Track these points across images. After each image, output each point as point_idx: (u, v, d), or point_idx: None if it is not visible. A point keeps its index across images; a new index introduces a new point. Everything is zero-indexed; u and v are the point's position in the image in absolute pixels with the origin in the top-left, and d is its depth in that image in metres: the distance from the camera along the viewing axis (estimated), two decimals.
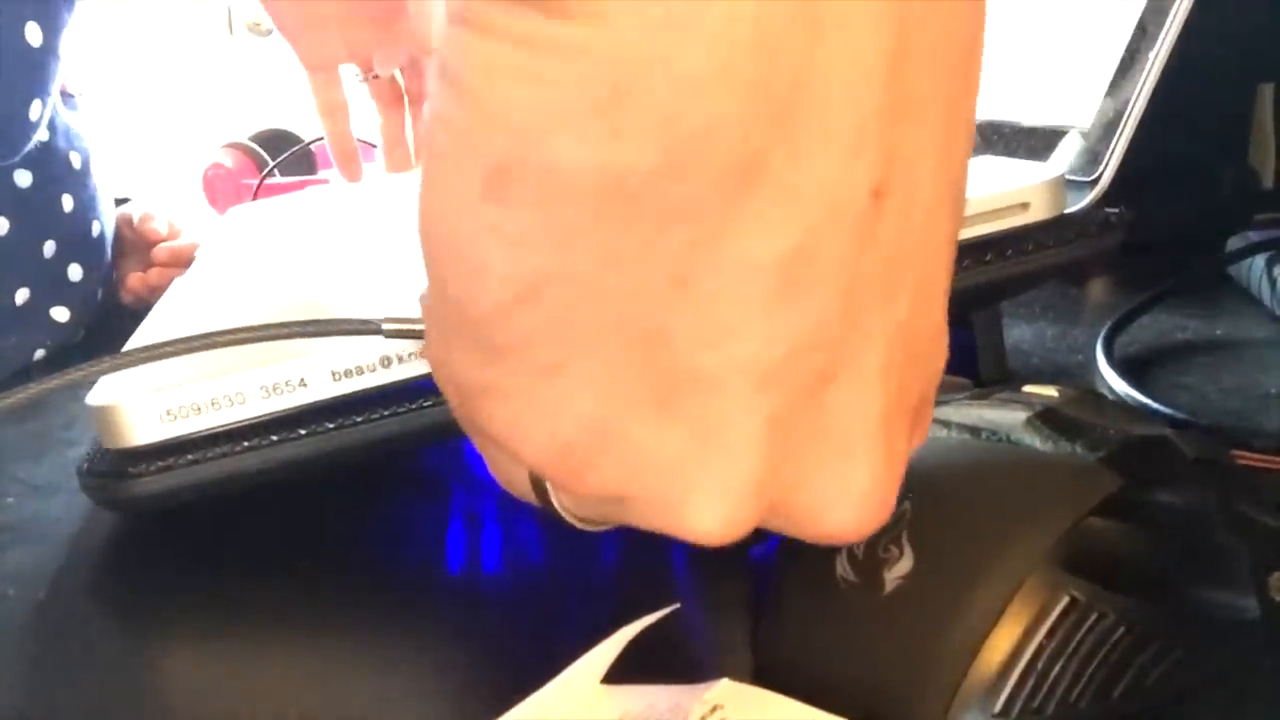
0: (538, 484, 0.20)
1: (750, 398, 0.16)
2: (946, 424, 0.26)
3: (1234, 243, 0.54)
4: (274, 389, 0.32)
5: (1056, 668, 0.22)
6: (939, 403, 0.27)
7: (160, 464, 0.32)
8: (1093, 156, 0.37)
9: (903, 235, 0.16)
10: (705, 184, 0.15)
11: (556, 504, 0.20)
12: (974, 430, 0.26)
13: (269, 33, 1.34)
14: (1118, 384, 0.41)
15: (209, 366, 0.33)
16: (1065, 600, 0.22)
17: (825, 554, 0.25)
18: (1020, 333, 0.49)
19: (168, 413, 0.32)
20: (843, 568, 0.24)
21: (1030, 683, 0.22)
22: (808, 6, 0.14)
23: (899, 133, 0.16)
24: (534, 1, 0.15)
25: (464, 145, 0.16)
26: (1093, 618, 0.22)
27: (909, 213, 0.16)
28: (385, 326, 0.26)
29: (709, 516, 0.17)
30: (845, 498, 0.18)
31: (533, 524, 0.34)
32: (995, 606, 0.22)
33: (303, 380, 0.32)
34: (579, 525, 0.20)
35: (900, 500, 0.24)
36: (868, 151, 0.15)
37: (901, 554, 0.24)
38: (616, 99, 0.15)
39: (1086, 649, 0.22)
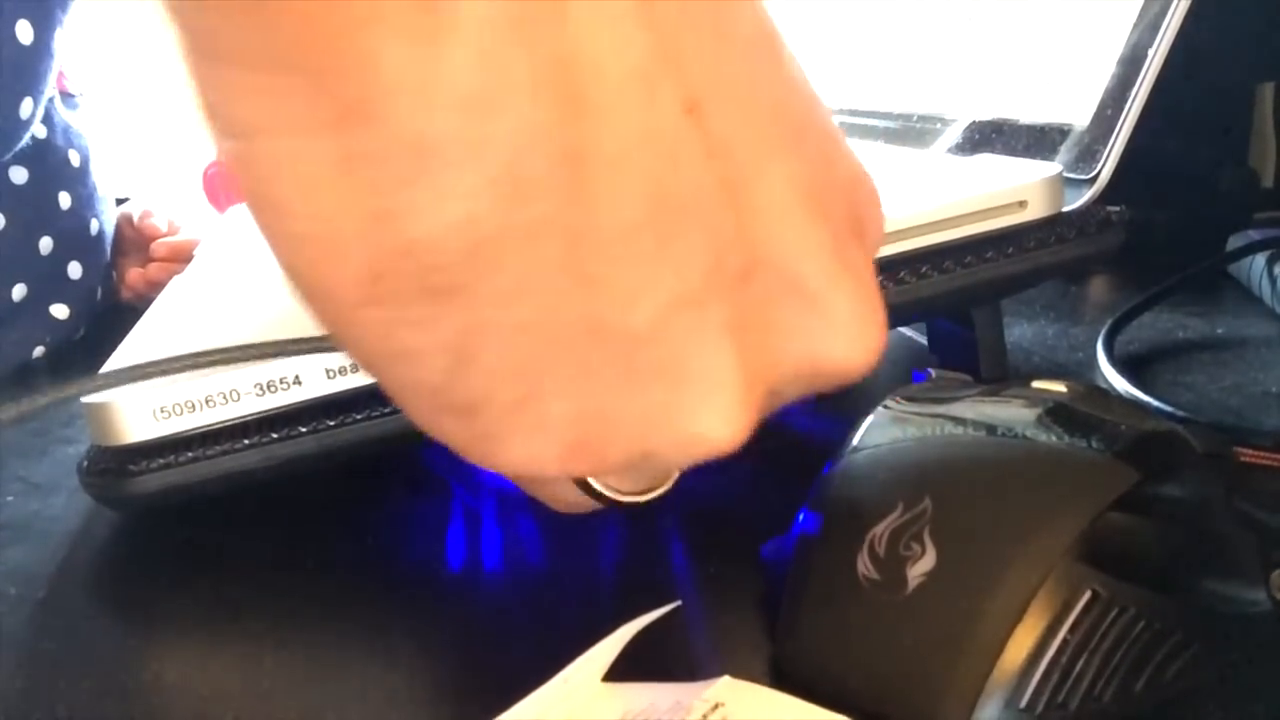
0: (580, 483, 0.20)
1: (693, 324, 0.17)
2: (961, 421, 0.26)
3: (1234, 241, 0.54)
4: (268, 387, 0.32)
5: (1080, 662, 0.22)
6: (950, 399, 0.28)
7: (160, 461, 0.32)
8: (1091, 154, 0.37)
9: (745, 116, 0.17)
10: (540, 199, 0.15)
11: (608, 492, 0.20)
12: (989, 427, 0.26)
13: None
14: (1118, 382, 0.41)
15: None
16: (1088, 595, 0.23)
17: (847, 552, 0.25)
18: (1021, 331, 0.49)
19: (161, 410, 0.32)
20: (865, 565, 0.24)
21: (1055, 677, 0.22)
22: None
23: (677, 46, 0.16)
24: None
25: (326, 261, 0.16)
26: (1115, 612, 0.23)
27: (734, 94, 0.16)
28: None
29: (720, 430, 0.18)
30: (837, 333, 0.18)
31: (533, 523, 0.34)
32: (1019, 602, 0.23)
33: (297, 378, 0.32)
34: (639, 500, 0.21)
35: (920, 498, 0.24)
36: (660, 81, 0.15)
37: (924, 551, 0.24)
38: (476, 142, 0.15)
39: (1109, 643, 0.23)
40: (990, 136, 0.42)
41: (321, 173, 0.15)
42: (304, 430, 0.32)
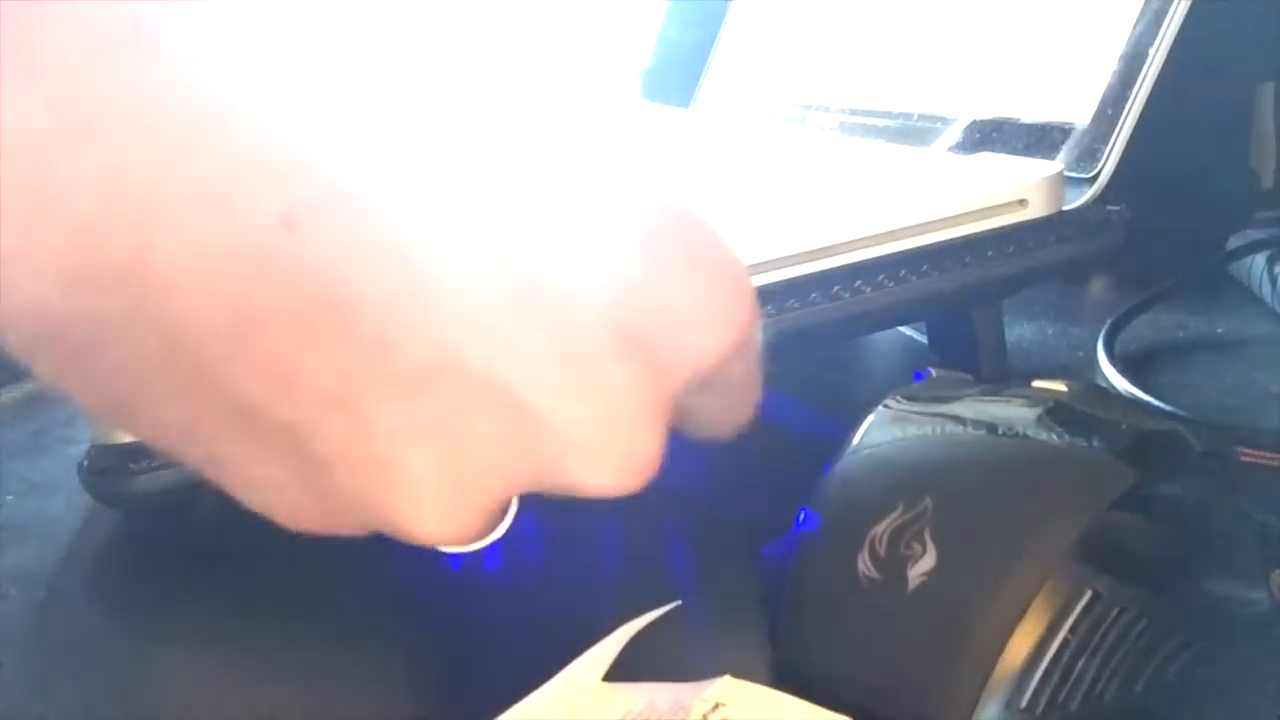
0: None
1: (356, 423, 0.17)
2: (961, 420, 0.26)
3: (1234, 241, 0.54)
4: None
5: (1081, 662, 0.22)
6: (950, 399, 0.27)
7: (161, 461, 0.32)
8: (1092, 153, 0.37)
9: (371, 228, 0.16)
10: (111, 296, 0.15)
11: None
12: (989, 427, 0.26)
13: None
14: (1119, 382, 0.41)
15: None
16: (1088, 595, 0.23)
17: (847, 552, 0.25)
18: (1021, 330, 0.49)
19: None
20: (865, 565, 0.24)
21: (1055, 678, 0.22)
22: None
23: (271, 160, 0.15)
24: None
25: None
26: (1115, 612, 0.23)
27: (347, 209, 0.16)
28: None
29: (424, 527, 0.18)
30: (571, 454, 0.18)
31: (534, 522, 0.34)
32: (1019, 602, 0.23)
33: None
34: (464, 550, 0.21)
35: (921, 498, 0.24)
36: (246, 198, 0.15)
37: (924, 551, 0.24)
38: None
39: (1110, 643, 0.23)
40: (991, 135, 0.42)
41: None
42: None
